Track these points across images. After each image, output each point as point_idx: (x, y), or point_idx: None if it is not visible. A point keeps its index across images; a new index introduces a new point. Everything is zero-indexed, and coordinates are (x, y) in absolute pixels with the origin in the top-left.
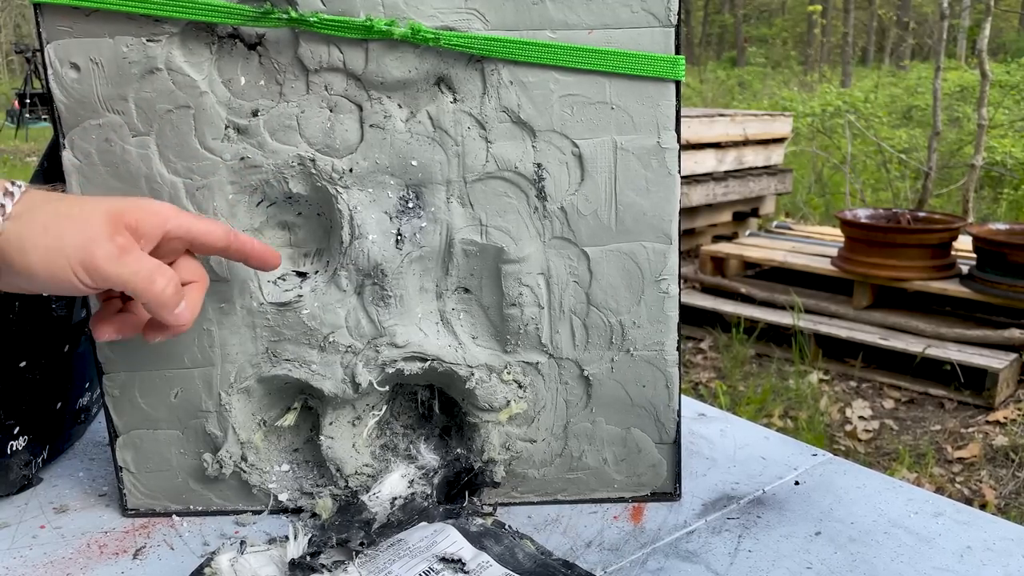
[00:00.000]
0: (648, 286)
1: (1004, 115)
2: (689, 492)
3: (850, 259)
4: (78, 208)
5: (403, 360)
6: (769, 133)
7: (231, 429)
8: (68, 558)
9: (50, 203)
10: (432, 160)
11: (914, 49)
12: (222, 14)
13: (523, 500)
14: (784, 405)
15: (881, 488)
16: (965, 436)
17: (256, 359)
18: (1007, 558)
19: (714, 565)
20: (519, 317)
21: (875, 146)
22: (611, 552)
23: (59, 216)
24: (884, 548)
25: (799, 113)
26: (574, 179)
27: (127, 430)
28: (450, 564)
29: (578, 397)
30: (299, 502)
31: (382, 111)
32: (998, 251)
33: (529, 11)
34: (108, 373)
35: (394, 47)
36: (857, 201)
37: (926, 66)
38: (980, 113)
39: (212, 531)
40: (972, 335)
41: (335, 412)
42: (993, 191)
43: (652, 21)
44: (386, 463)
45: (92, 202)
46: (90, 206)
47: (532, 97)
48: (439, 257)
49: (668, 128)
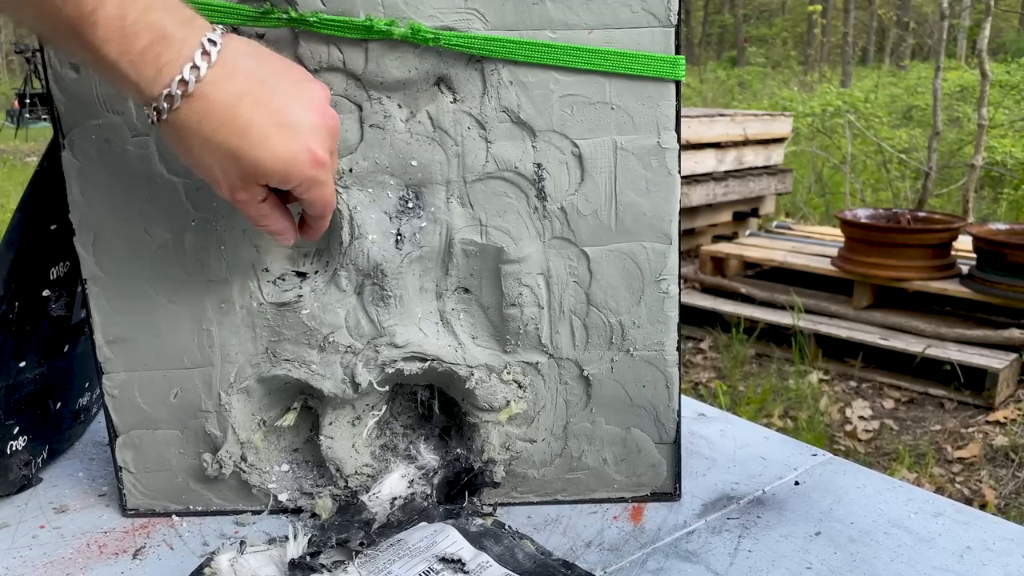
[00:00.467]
0: (648, 286)
1: (1004, 115)
2: (689, 492)
3: (850, 259)
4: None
5: (403, 360)
6: (769, 133)
7: (231, 429)
8: (68, 558)
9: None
10: (432, 160)
11: (914, 49)
12: (222, 14)
13: (523, 500)
14: (784, 405)
15: (881, 488)
16: (965, 436)
17: (256, 359)
18: (1007, 558)
19: (714, 565)
20: (519, 317)
21: (875, 146)
22: (611, 552)
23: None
24: (884, 548)
25: (799, 113)
26: (574, 179)
27: (127, 430)
28: (450, 564)
29: (578, 397)
30: (299, 502)
31: (382, 111)
32: (998, 251)
33: (529, 11)
34: (108, 373)
35: (394, 47)
36: (857, 201)
37: (926, 66)
38: (980, 113)
39: (212, 531)
40: (972, 335)
41: (335, 412)
42: (993, 191)
43: (652, 21)
44: (386, 463)
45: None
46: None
47: (532, 97)
48: (439, 257)
49: (668, 128)
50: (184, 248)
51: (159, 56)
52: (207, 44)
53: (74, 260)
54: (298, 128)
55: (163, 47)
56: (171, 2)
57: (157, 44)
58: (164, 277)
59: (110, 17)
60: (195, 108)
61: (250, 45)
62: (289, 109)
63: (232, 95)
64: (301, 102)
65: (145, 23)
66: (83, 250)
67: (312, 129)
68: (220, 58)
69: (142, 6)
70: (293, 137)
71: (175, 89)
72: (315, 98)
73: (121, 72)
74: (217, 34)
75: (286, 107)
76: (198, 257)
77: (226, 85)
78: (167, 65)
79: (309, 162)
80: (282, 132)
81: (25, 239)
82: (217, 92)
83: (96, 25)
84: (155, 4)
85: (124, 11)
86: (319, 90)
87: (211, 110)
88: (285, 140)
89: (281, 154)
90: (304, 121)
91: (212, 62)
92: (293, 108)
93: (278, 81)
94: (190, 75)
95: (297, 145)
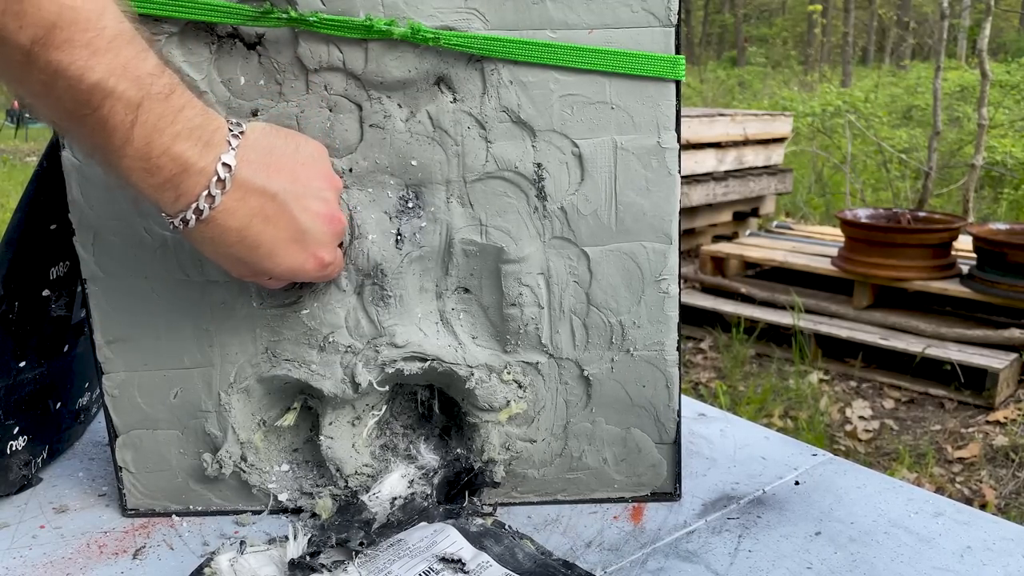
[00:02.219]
0: (648, 286)
1: (1004, 115)
2: (689, 492)
3: (850, 259)
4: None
5: (403, 360)
6: (769, 133)
7: (231, 429)
8: (68, 558)
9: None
10: (432, 160)
11: (914, 49)
12: (222, 14)
13: (523, 500)
14: (784, 405)
15: (881, 488)
16: (965, 436)
17: (256, 359)
18: (1007, 558)
19: (714, 565)
20: (519, 317)
21: (875, 146)
22: (611, 552)
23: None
24: (884, 548)
25: (799, 113)
26: (574, 179)
27: (127, 430)
28: (450, 564)
29: (578, 397)
30: (299, 502)
31: (382, 111)
32: (998, 251)
33: (529, 11)
34: (108, 373)
35: (394, 47)
36: (857, 201)
37: (926, 66)
38: (980, 113)
39: (212, 531)
40: (972, 335)
41: (335, 412)
42: (993, 191)
43: (652, 21)
44: (386, 463)
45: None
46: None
47: (532, 97)
48: (439, 257)
49: (668, 128)
50: (184, 248)
51: (178, 186)
52: (221, 170)
53: (74, 260)
54: (305, 239)
55: (184, 178)
56: (196, 122)
57: (178, 176)
58: (164, 277)
59: (137, 151)
60: (209, 229)
61: (264, 150)
62: (298, 221)
63: (244, 217)
64: (310, 212)
65: (169, 157)
66: (83, 250)
67: (318, 239)
68: (234, 182)
69: (169, 136)
70: (300, 248)
71: (190, 215)
72: (324, 203)
73: (143, 194)
74: (231, 155)
75: (295, 221)
76: (198, 257)
77: (238, 209)
78: (184, 195)
79: (315, 268)
80: (289, 246)
81: (25, 239)
82: (229, 219)
83: (123, 158)
84: (182, 132)
85: (151, 144)
86: (330, 190)
87: (224, 233)
88: (293, 253)
89: (289, 264)
90: (312, 231)
91: (226, 189)
92: (302, 219)
93: (292, 189)
94: (204, 204)
95: (303, 255)
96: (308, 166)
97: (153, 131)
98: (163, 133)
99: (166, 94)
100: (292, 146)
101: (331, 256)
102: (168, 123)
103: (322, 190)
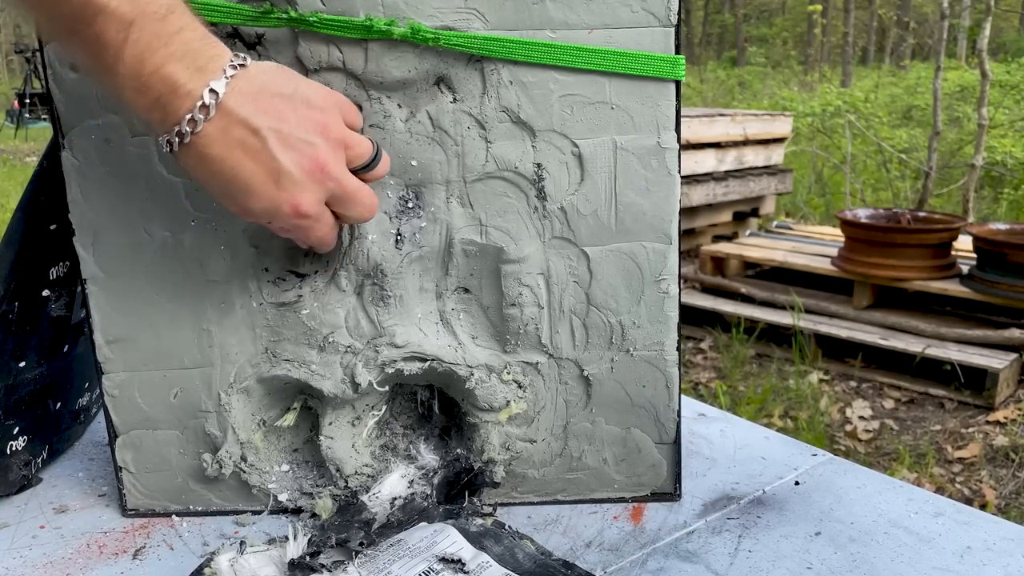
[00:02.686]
0: (648, 286)
1: (1004, 115)
2: (689, 492)
3: (850, 259)
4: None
5: (403, 360)
6: (769, 133)
7: (231, 429)
8: (68, 558)
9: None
10: (432, 160)
11: (914, 49)
12: (222, 14)
13: (523, 500)
14: (784, 405)
15: (881, 488)
16: (965, 436)
17: (256, 359)
18: (1007, 558)
19: (714, 565)
20: (519, 317)
21: (875, 146)
22: (611, 552)
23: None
24: (884, 548)
25: (799, 113)
26: (574, 179)
27: (127, 430)
28: (450, 564)
29: (578, 397)
30: (299, 502)
31: (382, 111)
32: (998, 251)
33: (529, 11)
34: (108, 373)
35: (394, 47)
36: (857, 201)
37: (926, 66)
38: (980, 113)
39: (212, 531)
40: (972, 335)
41: (335, 412)
42: (993, 191)
43: (652, 21)
44: (386, 463)
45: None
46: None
47: (532, 97)
48: (439, 257)
49: (668, 128)
50: (184, 248)
51: (165, 107)
52: (207, 96)
53: (74, 260)
54: (282, 180)
55: (171, 99)
56: (193, 46)
57: (166, 96)
58: (164, 277)
59: (128, 69)
60: (191, 154)
61: (259, 84)
62: (277, 161)
63: (225, 147)
64: (291, 153)
65: (159, 77)
66: (83, 250)
67: (296, 183)
68: (219, 110)
69: (162, 56)
70: (277, 189)
71: (174, 138)
72: (309, 147)
73: (136, 113)
74: (222, 83)
75: (275, 160)
76: (198, 257)
77: (220, 138)
78: (170, 116)
79: (290, 212)
80: (266, 183)
81: (25, 239)
82: (210, 146)
83: (115, 76)
84: (175, 53)
85: (142, 63)
86: (319, 136)
87: (205, 161)
88: (269, 192)
89: (264, 205)
90: (291, 174)
91: (210, 116)
92: (282, 160)
93: (277, 127)
94: (187, 128)
95: (280, 197)
96: (300, 110)
97: (146, 50)
98: (156, 52)
99: (163, 14)
100: (291, 87)
101: (311, 207)
102: (162, 43)
103: (310, 134)
